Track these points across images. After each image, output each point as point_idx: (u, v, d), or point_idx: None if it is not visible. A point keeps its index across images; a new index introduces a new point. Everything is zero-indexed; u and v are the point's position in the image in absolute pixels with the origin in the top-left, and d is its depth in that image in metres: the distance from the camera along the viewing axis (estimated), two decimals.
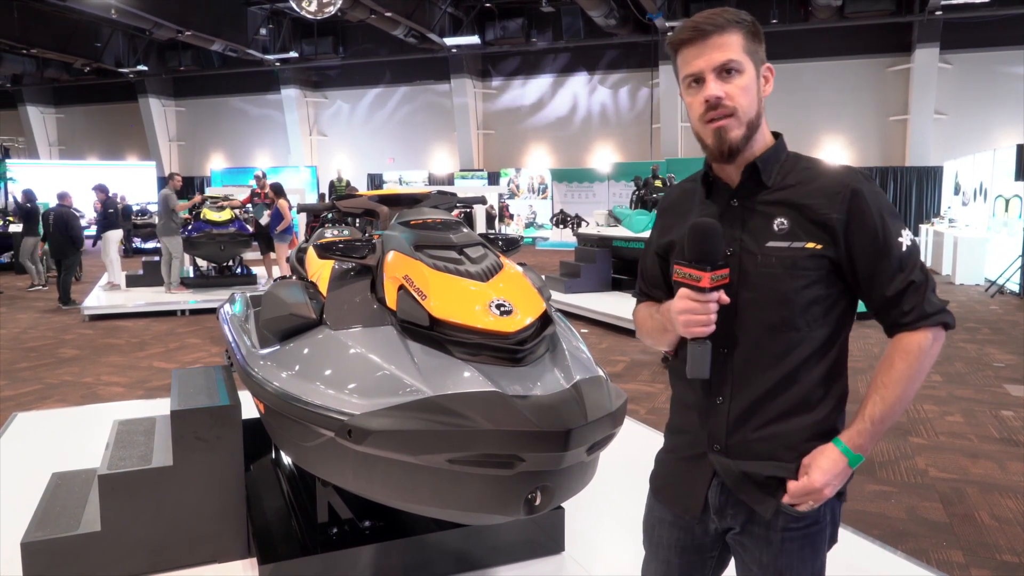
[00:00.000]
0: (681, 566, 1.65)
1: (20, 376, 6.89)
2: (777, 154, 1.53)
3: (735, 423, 1.51)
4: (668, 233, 1.62)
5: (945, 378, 6.59)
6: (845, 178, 1.47)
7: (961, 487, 4.18)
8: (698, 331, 1.44)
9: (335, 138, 25.91)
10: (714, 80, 1.45)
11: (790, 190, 1.49)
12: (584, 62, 22.13)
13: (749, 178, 1.52)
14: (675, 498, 1.63)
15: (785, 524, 1.51)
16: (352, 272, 2.71)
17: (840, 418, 1.56)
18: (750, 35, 1.48)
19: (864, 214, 1.45)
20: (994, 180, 13.29)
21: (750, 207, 1.51)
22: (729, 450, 1.52)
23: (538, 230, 22.01)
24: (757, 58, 1.49)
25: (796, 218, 1.46)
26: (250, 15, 21.23)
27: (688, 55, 1.48)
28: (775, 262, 1.46)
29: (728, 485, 1.54)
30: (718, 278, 1.43)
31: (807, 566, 1.53)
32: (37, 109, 28.29)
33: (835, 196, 1.45)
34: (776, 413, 1.49)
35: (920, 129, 18.69)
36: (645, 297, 1.73)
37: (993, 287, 11.86)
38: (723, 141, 1.47)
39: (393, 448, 2.02)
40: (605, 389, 2.23)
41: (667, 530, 1.65)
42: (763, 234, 1.48)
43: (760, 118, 1.50)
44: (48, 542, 2.83)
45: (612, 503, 3.59)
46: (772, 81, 1.53)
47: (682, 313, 1.45)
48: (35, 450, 4.53)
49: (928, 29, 18.02)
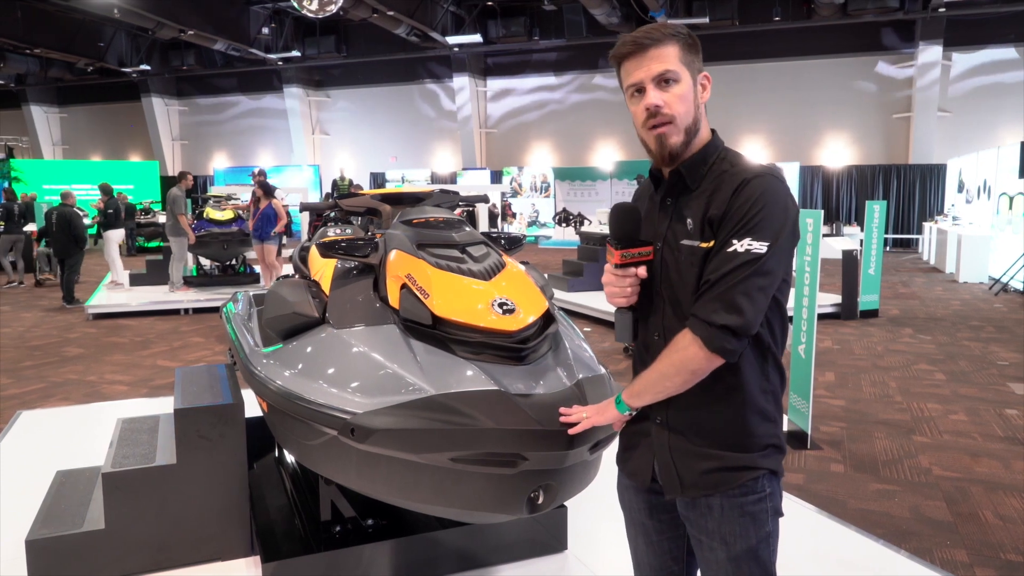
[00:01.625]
0: (656, 527, 1.79)
1: (24, 374, 6.91)
2: (705, 158, 1.63)
3: (674, 400, 1.62)
4: None
5: (949, 376, 6.57)
6: (746, 172, 1.55)
7: (965, 486, 4.17)
8: (618, 301, 1.66)
9: (338, 137, 25.92)
10: (653, 89, 1.57)
11: (704, 193, 1.59)
12: (586, 60, 22.10)
13: (677, 182, 1.64)
14: (631, 468, 1.78)
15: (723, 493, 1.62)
16: (355, 271, 2.71)
17: (771, 401, 1.64)
18: (686, 47, 1.59)
19: (739, 199, 1.52)
20: (998, 178, 13.25)
21: (676, 206, 1.65)
22: (668, 422, 1.66)
23: (541, 229, 22.01)
24: (694, 68, 1.61)
25: (699, 218, 1.57)
26: (252, 14, 21.24)
27: (629, 67, 1.60)
28: (683, 258, 1.59)
29: (658, 457, 1.68)
30: (630, 256, 1.61)
31: (749, 533, 1.62)
32: (41, 109, 28.34)
33: (727, 194, 1.55)
34: (705, 395, 1.60)
35: (924, 127, 18.65)
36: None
37: (997, 285, 11.83)
38: (664, 147, 1.60)
39: (396, 447, 2.02)
40: (607, 387, 2.23)
41: (633, 495, 1.81)
42: (681, 232, 1.61)
43: (698, 123, 1.62)
44: (52, 540, 2.83)
45: (615, 502, 3.58)
46: (709, 88, 1.64)
47: (606, 285, 1.68)
48: (39, 448, 4.54)
49: (931, 26, 17.98)
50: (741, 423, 1.61)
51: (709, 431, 1.62)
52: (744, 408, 1.61)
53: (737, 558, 1.61)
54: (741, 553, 1.62)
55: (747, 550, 1.62)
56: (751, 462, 1.61)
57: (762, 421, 1.63)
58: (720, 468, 1.61)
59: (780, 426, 1.68)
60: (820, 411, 5.46)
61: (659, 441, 1.67)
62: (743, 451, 1.61)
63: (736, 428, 1.61)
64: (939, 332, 8.56)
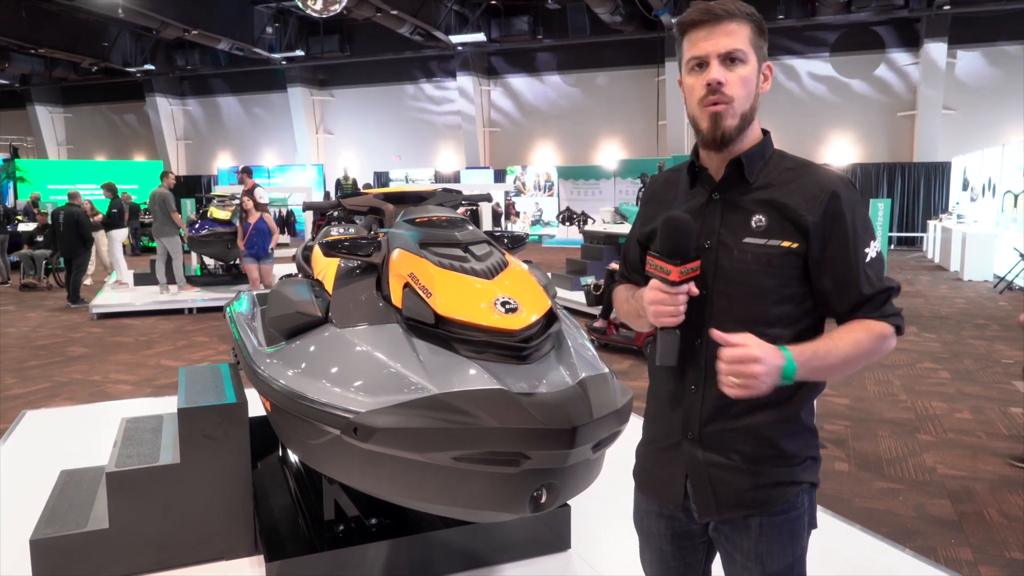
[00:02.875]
0: (673, 553, 1.67)
1: (29, 374, 6.93)
2: (763, 151, 1.55)
3: (709, 413, 1.53)
4: (651, 221, 1.62)
5: (953, 375, 6.55)
6: (826, 181, 1.49)
7: (970, 484, 4.16)
8: (667, 321, 1.47)
9: (341, 136, 25.93)
10: (718, 65, 1.46)
11: (771, 188, 1.51)
12: (590, 59, 22.07)
13: (732, 173, 1.53)
14: (657, 489, 1.66)
15: (762, 511, 1.53)
16: (358, 270, 2.71)
17: (810, 412, 1.58)
18: (757, 30, 1.50)
19: (839, 218, 1.47)
20: (1003, 176, 13.21)
21: (731, 201, 1.53)
22: (702, 439, 1.55)
23: (544, 227, 21.99)
24: (760, 53, 1.51)
25: (774, 216, 1.48)
26: (256, 14, 21.26)
27: (696, 37, 1.49)
28: (750, 258, 1.48)
29: (692, 476, 1.57)
30: (688, 271, 1.45)
31: (787, 551, 1.55)
32: (45, 109, 28.40)
33: (814, 198, 1.47)
34: (748, 405, 1.49)
35: (928, 125, 18.58)
36: (625, 280, 1.77)
37: (1002, 283, 11.79)
38: (717, 127, 1.48)
39: (399, 446, 2.02)
40: (611, 386, 2.23)
41: (655, 521, 1.69)
42: (741, 230, 1.50)
43: (754, 113, 1.52)
44: (57, 539, 2.84)
45: (618, 500, 3.56)
46: (771, 80, 1.55)
47: (652, 304, 1.47)
48: (44, 448, 4.55)
49: (936, 24, 17.91)
50: (784, 435, 1.52)
51: (748, 445, 1.52)
52: (788, 418, 1.52)
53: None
54: (777, 571, 1.55)
55: (784, 568, 1.55)
56: (792, 476, 1.53)
57: (803, 431, 1.55)
58: (761, 485, 1.52)
59: (817, 434, 1.61)
60: (824, 410, 5.45)
61: (691, 459, 1.56)
62: (785, 465, 1.53)
63: (778, 441, 1.52)
64: (944, 330, 8.53)
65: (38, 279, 13.02)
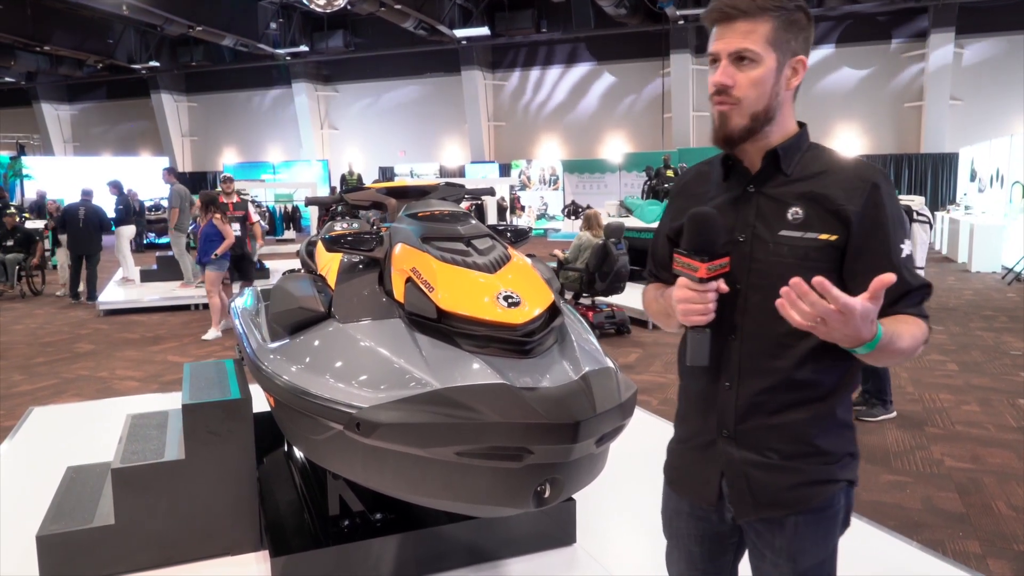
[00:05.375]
0: (703, 555, 1.65)
1: (37, 371, 6.96)
2: (799, 143, 1.52)
3: (744, 410, 1.50)
4: (680, 216, 1.57)
5: (961, 367, 6.52)
6: (866, 173, 1.46)
7: (978, 477, 4.14)
8: (696, 319, 1.44)
9: (346, 132, 25.95)
10: (727, 65, 1.44)
11: (809, 180, 1.47)
12: (594, 52, 22.04)
13: (769, 165, 1.50)
14: (690, 488, 1.63)
15: (799, 509, 1.50)
16: (360, 265, 2.71)
17: (847, 407, 1.54)
18: (785, 24, 1.44)
19: (880, 210, 1.44)
20: (1011, 166, 13.13)
21: (766, 194, 1.50)
22: (738, 437, 1.52)
23: (549, 221, 21.97)
24: (785, 49, 1.46)
25: (813, 208, 1.45)
26: (260, 10, 21.28)
27: (715, 33, 1.47)
28: (786, 251, 1.45)
29: (728, 475, 1.54)
30: (715, 268, 1.42)
31: (820, 550, 1.53)
32: (51, 106, 28.51)
33: (855, 189, 1.44)
34: (785, 402, 1.48)
35: (935, 115, 18.49)
36: (654, 278, 1.74)
37: (1010, 274, 11.72)
38: (723, 126, 1.47)
39: (401, 441, 2.02)
40: (614, 380, 2.21)
41: (685, 521, 1.66)
42: (777, 222, 1.46)
43: (772, 111, 1.47)
44: (63, 535, 2.85)
45: (624, 494, 3.58)
46: (801, 75, 1.50)
47: (681, 302, 1.44)
48: (51, 444, 4.57)
49: (943, 14, 17.81)
50: (821, 431, 1.48)
51: (785, 442, 1.48)
52: (828, 414, 1.49)
53: (803, 574, 1.52)
54: (808, 569, 1.52)
55: (815, 565, 1.53)
56: (830, 474, 1.50)
57: (840, 427, 1.52)
58: (800, 484, 1.48)
59: (855, 429, 1.57)
60: None
61: (727, 457, 1.53)
62: (824, 463, 1.49)
63: (816, 437, 1.48)
64: (951, 322, 8.49)
65: (9, 285, 11.82)
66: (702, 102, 20.33)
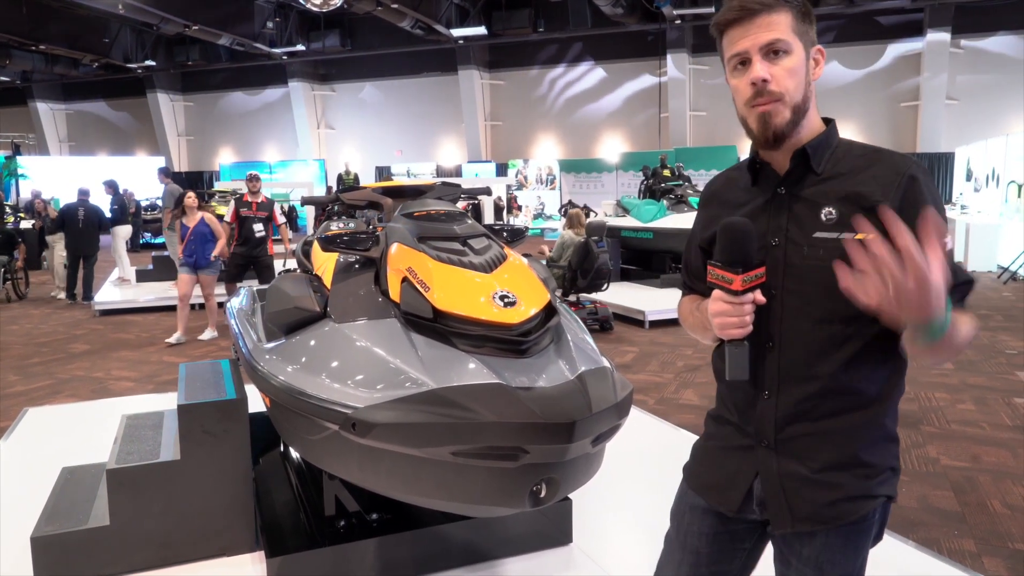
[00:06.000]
0: (710, 555, 1.59)
1: (32, 371, 6.94)
2: (828, 140, 1.46)
3: (784, 419, 1.46)
4: (712, 225, 1.52)
5: (957, 366, 6.53)
6: (901, 165, 1.40)
7: (973, 475, 4.15)
8: (733, 333, 1.39)
9: (343, 131, 25.93)
10: (760, 61, 1.39)
11: (841, 178, 1.42)
12: (591, 51, 22.03)
13: (798, 165, 1.45)
14: (713, 489, 1.58)
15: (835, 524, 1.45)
16: (356, 265, 2.71)
17: (894, 418, 1.49)
18: (800, 15, 1.42)
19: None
20: (1007, 166, 13.15)
21: (797, 195, 1.45)
22: (778, 446, 1.47)
23: (546, 221, 21.96)
24: (807, 39, 1.43)
25: (847, 207, 1.38)
26: (257, 9, 21.24)
27: (734, 35, 1.42)
28: (823, 254, 1.38)
29: (765, 486, 1.49)
30: (751, 279, 1.38)
31: (850, 562, 1.47)
32: (47, 105, 28.43)
33: (890, 183, 1.38)
34: (827, 410, 1.43)
35: (931, 115, 18.53)
36: (689, 290, 1.69)
37: (1006, 273, 11.75)
38: (768, 127, 1.41)
39: (397, 441, 2.01)
40: (610, 380, 2.21)
41: (699, 517, 1.60)
42: (810, 224, 1.41)
43: (808, 102, 1.43)
44: (57, 536, 2.84)
45: (621, 494, 3.58)
46: (823, 64, 1.47)
47: (716, 316, 1.40)
48: (45, 445, 4.56)
49: (939, 13, 17.84)
50: (865, 442, 1.43)
51: (827, 452, 1.43)
52: (873, 423, 1.44)
53: None
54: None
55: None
56: (871, 490, 1.44)
57: (885, 440, 1.46)
58: (840, 499, 1.43)
59: (899, 442, 1.50)
60: None
61: (765, 466, 1.47)
62: (865, 476, 1.43)
63: (859, 449, 1.43)
64: None
65: None
66: (699, 102, 20.37)
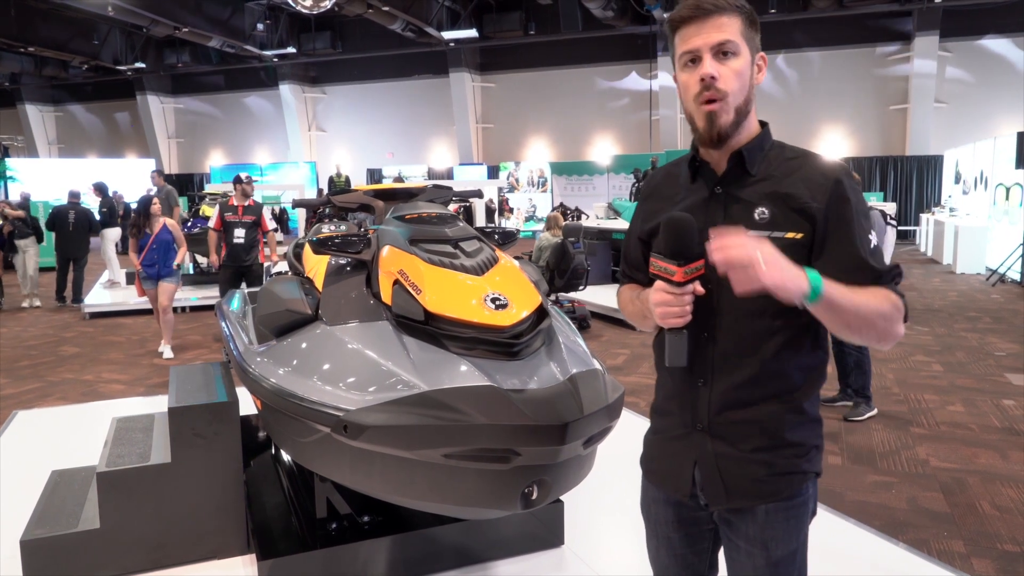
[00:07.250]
0: (681, 540, 1.69)
1: (21, 374, 6.90)
2: (762, 143, 1.55)
3: (718, 405, 1.55)
4: (652, 218, 1.62)
5: (946, 367, 6.57)
6: (829, 170, 1.50)
7: (962, 477, 4.17)
8: (674, 322, 1.47)
9: (334, 133, 25.87)
10: (711, 59, 1.47)
11: (774, 180, 1.51)
12: (582, 54, 22.05)
13: (735, 166, 1.54)
14: (665, 478, 1.67)
15: (769, 499, 1.55)
16: (348, 267, 2.70)
17: (815, 403, 1.59)
18: (748, 21, 1.50)
19: (845, 203, 1.47)
20: (995, 168, 13.24)
21: (733, 195, 1.53)
22: (712, 429, 1.56)
23: (538, 223, 21.96)
24: (753, 45, 1.51)
25: (778, 207, 1.49)
26: (247, 10, 21.17)
27: (687, 33, 1.49)
28: None
29: (701, 465, 1.58)
30: (692, 271, 1.44)
31: (792, 538, 1.57)
32: (36, 107, 28.26)
33: (819, 186, 1.48)
34: (756, 397, 1.52)
35: (920, 118, 18.63)
36: (628, 280, 1.77)
37: (994, 276, 11.83)
38: (713, 126, 1.49)
39: (389, 443, 2.02)
40: (601, 382, 2.22)
41: (662, 508, 1.70)
42: (744, 222, 1.49)
43: (749, 105, 1.52)
44: (47, 539, 2.83)
45: (612, 496, 3.59)
46: (765, 70, 1.56)
47: (658, 305, 1.47)
48: (35, 448, 4.53)
49: (928, 17, 17.95)
50: (791, 426, 1.53)
51: (756, 435, 1.53)
52: (797, 408, 1.54)
53: (777, 563, 1.56)
54: (782, 558, 1.56)
55: (788, 554, 1.57)
56: (799, 467, 1.55)
57: (809, 422, 1.56)
58: (770, 475, 1.54)
59: (822, 423, 1.61)
60: None
61: (701, 449, 1.57)
62: (794, 455, 1.54)
63: (785, 432, 1.53)
64: (936, 323, 8.56)
65: None
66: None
